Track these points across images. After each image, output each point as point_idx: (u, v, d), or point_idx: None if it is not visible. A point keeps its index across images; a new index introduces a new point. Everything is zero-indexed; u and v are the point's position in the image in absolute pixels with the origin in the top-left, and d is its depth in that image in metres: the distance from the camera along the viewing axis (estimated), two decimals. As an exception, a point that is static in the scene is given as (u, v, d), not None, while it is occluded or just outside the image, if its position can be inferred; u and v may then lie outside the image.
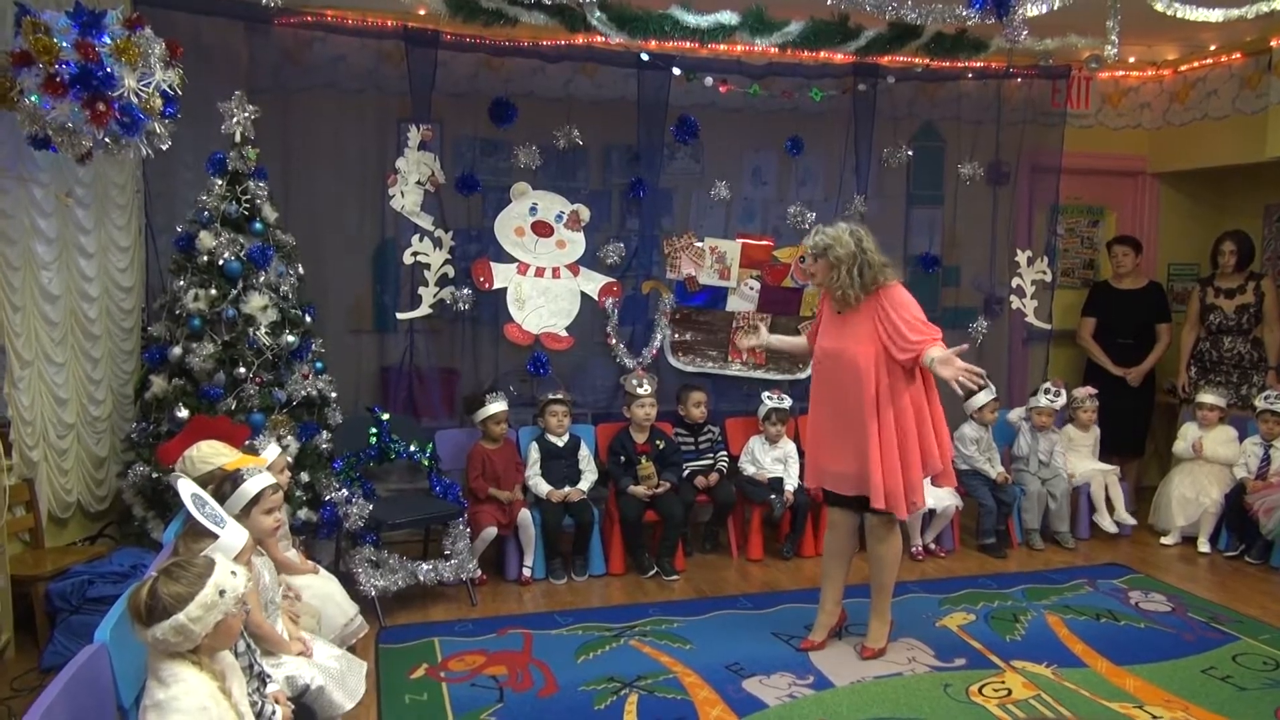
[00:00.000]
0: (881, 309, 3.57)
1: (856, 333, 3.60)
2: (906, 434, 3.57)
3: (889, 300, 3.58)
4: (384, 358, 5.18)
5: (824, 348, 3.73)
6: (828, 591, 3.94)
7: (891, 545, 3.80)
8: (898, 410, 3.56)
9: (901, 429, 3.57)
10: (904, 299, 3.59)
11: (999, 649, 3.90)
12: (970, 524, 5.35)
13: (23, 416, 3.92)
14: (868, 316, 3.60)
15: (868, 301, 3.60)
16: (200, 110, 4.19)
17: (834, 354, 3.66)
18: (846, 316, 3.66)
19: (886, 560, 3.81)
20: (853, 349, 3.59)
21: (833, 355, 3.67)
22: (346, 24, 4.79)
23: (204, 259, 4.07)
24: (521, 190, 5.14)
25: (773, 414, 5.14)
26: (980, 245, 5.96)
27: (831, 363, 3.67)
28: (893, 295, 3.59)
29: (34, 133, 3.52)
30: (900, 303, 3.57)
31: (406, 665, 3.71)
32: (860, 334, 3.59)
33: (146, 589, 1.93)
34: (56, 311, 4.08)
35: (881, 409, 3.55)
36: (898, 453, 3.55)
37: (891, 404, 3.56)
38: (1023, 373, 6.09)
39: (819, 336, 3.80)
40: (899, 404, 3.57)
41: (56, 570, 3.75)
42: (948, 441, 3.74)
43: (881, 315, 3.57)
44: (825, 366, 3.72)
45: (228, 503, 2.67)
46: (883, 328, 3.55)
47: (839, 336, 3.66)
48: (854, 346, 3.58)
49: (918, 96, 5.75)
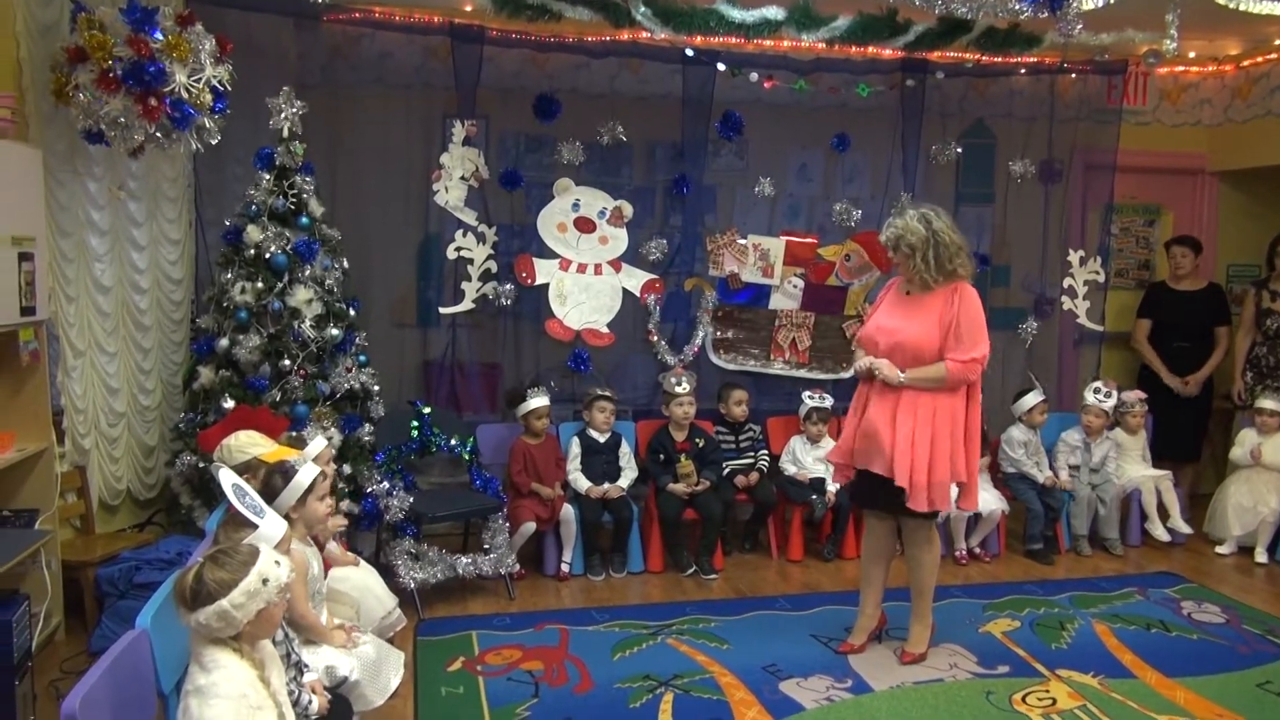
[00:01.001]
0: (952, 305, 3.50)
1: (924, 318, 3.52)
2: (941, 433, 3.49)
3: (963, 298, 3.51)
4: (426, 352, 5.22)
5: (881, 325, 3.63)
6: (867, 595, 3.88)
7: (929, 548, 3.74)
8: (937, 408, 3.49)
9: (938, 427, 3.49)
10: (974, 304, 3.54)
11: (1044, 657, 3.81)
12: (1017, 528, 5.24)
13: (75, 405, 4.01)
14: (938, 305, 3.52)
15: (943, 290, 3.53)
16: (249, 106, 4.26)
17: (890, 332, 3.56)
18: (915, 299, 3.58)
19: (925, 563, 3.75)
20: (917, 332, 3.50)
21: (888, 332, 3.57)
22: (394, 20, 4.83)
23: (251, 252, 4.12)
24: (564, 186, 5.14)
25: (814, 413, 5.09)
26: (1031, 244, 5.84)
27: (887, 340, 3.56)
28: (967, 295, 3.53)
29: (88, 127, 3.61)
30: (971, 304, 3.52)
31: (444, 658, 3.73)
32: (928, 320, 3.51)
33: (193, 574, 1.96)
34: (109, 302, 4.16)
35: (922, 401, 3.48)
36: (929, 449, 3.47)
37: (933, 400, 3.49)
38: (1073, 375, 5.96)
39: (876, 316, 3.73)
40: (938, 402, 3.50)
41: (106, 556, 3.83)
42: (976, 457, 3.64)
43: (948, 309, 3.50)
44: (871, 341, 3.62)
45: (283, 495, 2.68)
46: (946, 323, 3.49)
47: (903, 316, 3.58)
48: (918, 330, 3.50)
49: (968, 92, 5.65)
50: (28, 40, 3.70)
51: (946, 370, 3.46)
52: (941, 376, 3.47)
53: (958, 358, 3.46)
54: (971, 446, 3.59)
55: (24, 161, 3.50)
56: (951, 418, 3.52)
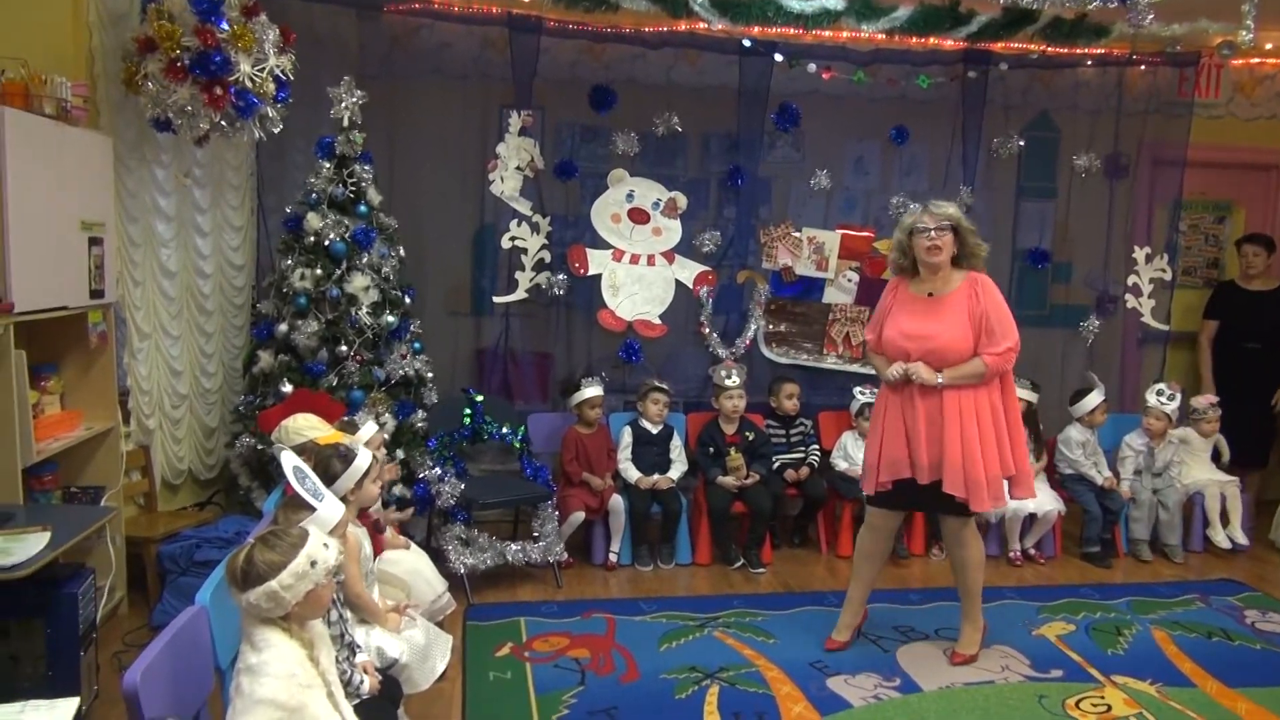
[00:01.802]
0: (976, 297, 3.44)
1: (952, 317, 3.45)
2: (986, 430, 3.43)
3: (984, 290, 3.46)
4: (480, 340, 5.27)
5: (906, 332, 3.50)
6: (856, 591, 3.82)
7: (973, 548, 3.66)
8: (978, 403, 3.43)
9: (983, 424, 3.43)
10: (997, 293, 3.48)
11: (1099, 662, 3.73)
12: (1073, 530, 5.13)
13: (140, 386, 4.13)
14: (963, 301, 3.46)
15: (962, 285, 3.47)
16: (310, 95, 4.32)
17: (922, 338, 3.46)
18: (936, 300, 3.50)
19: (970, 563, 3.67)
20: (948, 335, 3.43)
21: (919, 338, 3.46)
22: (453, 11, 4.87)
23: (311, 239, 4.19)
24: (619, 177, 5.15)
25: (866, 409, 5.02)
26: (1094, 241, 5.70)
27: (919, 346, 3.45)
28: (988, 284, 3.48)
29: (156, 115, 3.70)
30: (995, 295, 3.47)
31: (492, 643, 3.77)
32: (957, 319, 3.44)
33: (244, 555, 2.00)
34: (174, 287, 4.27)
35: (964, 399, 3.41)
36: (979, 446, 3.41)
37: (974, 396, 3.42)
38: (1135, 375, 5.81)
39: (895, 322, 3.56)
40: (979, 397, 3.43)
41: (168, 533, 3.94)
42: (1022, 446, 3.57)
43: (974, 304, 3.44)
44: (903, 350, 3.49)
45: (342, 479, 2.72)
46: (976, 319, 3.42)
47: (926, 320, 3.48)
48: (950, 332, 3.43)
49: (1032, 84, 5.52)
50: (99, 30, 3.80)
51: (985, 365, 3.40)
52: (980, 372, 3.41)
53: (994, 351, 3.40)
54: (1016, 435, 3.52)
55: (96, 148, 3.61)
56: (993, 410, 3.46)
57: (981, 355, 3.41)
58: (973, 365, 3.41)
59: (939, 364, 3.42)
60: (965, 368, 3.42)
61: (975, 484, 3.39)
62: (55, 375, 3.56)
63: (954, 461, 3.40)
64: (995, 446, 3.44)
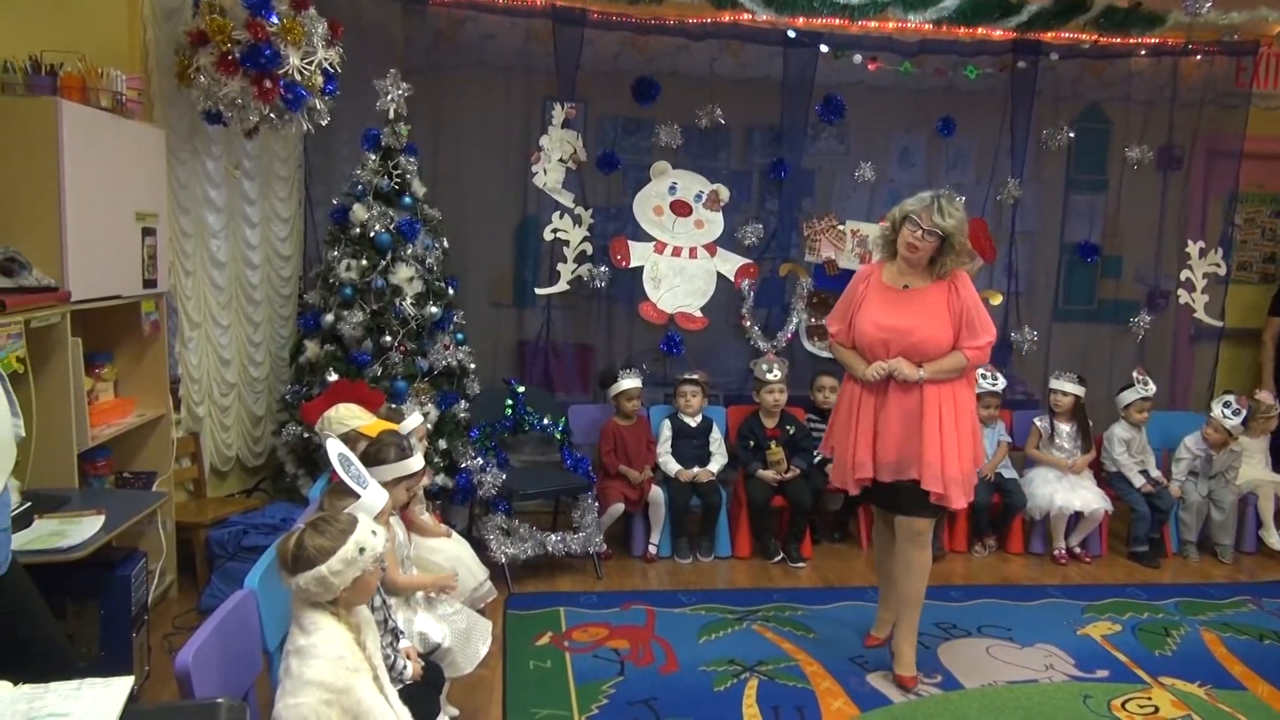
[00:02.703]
0: (955, 291, 3.32)
1: (931, 312, 3.30)
2: (963, 425, 3.32)
3: (963, 284, 3.34)
4: (522, 332, 5.30)
5: (882, 324, 3.32)
6: (889, 590, 3.69)
7: (928, 552, 3.48)
8: (955, 398, 3.32)
9: (960, 419, 3.32)
10: (972, 288, 3.38)
11: (1146, 663, 3.67)
12: (1121, 530, 5.05)
13: (191, 374, 4.21)
14: (942, 296, 3.32)
15: (942, 280, 3.33)
16: (357, 87, 4.37)
17: (900, 331, 3.29)
18: (913, 293, 3.34)
19: (923, 568, 3.46)
20: (931, 329, 3.29)
21: (899, 332, 3.29)
22: (497, 4, 4.90)
23: (357, 231, 4.24)
24: (661, 169, 5.14)
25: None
26: (1146, 234, 5.59)
27: (900, 341, 3.29)
28: (966, 281, 3.36)
29: (208, 108, 3.76)
30: (972, 290, 3.36)
31: (532, 632, 3.79)
32: (936, 313, 3.30)
33: (294, 540, 2.03)
34: (223, 277, 4.35)
35: (943, 394, 3.30)
36: (956, 442, 3.29)
37: (952, 390, 3.31)
38: (1188, 372, 5.70)
39: (869, 314, 3.37)
40: (955, 391, 3.32)
41: (216, 519, 4.02)
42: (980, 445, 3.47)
43: (953, 298, 3.32)
44: (881, 344, 3.31)
45: (392, 467, 2.75)
46: (956, 314, 3.30)
47: (904, 314, 3.32)
48: (932, 326, 3.29)
49: (1083, 75, 5.42)
50: (153, 24, 3.88)
51: (967, 359, 3.30)
52: (961, 366, 3.31)
53: (974, 344, 3.30)
54: (976, 433, 3.42)
55: (149, 141, 3.68)
56: (968, 406, 3.36)
57: (962, 349, 3.30)
58: (954, 359, 3.29)
59: (918, 358, 3.28)
60: (945, 362, 3.29)
61: (952, 481, 3.27)
62: (109, 363, 3.64)
63: (933, 458, 3.25)
64: (971, 442, 3.34)
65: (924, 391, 3.27)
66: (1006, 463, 5.01)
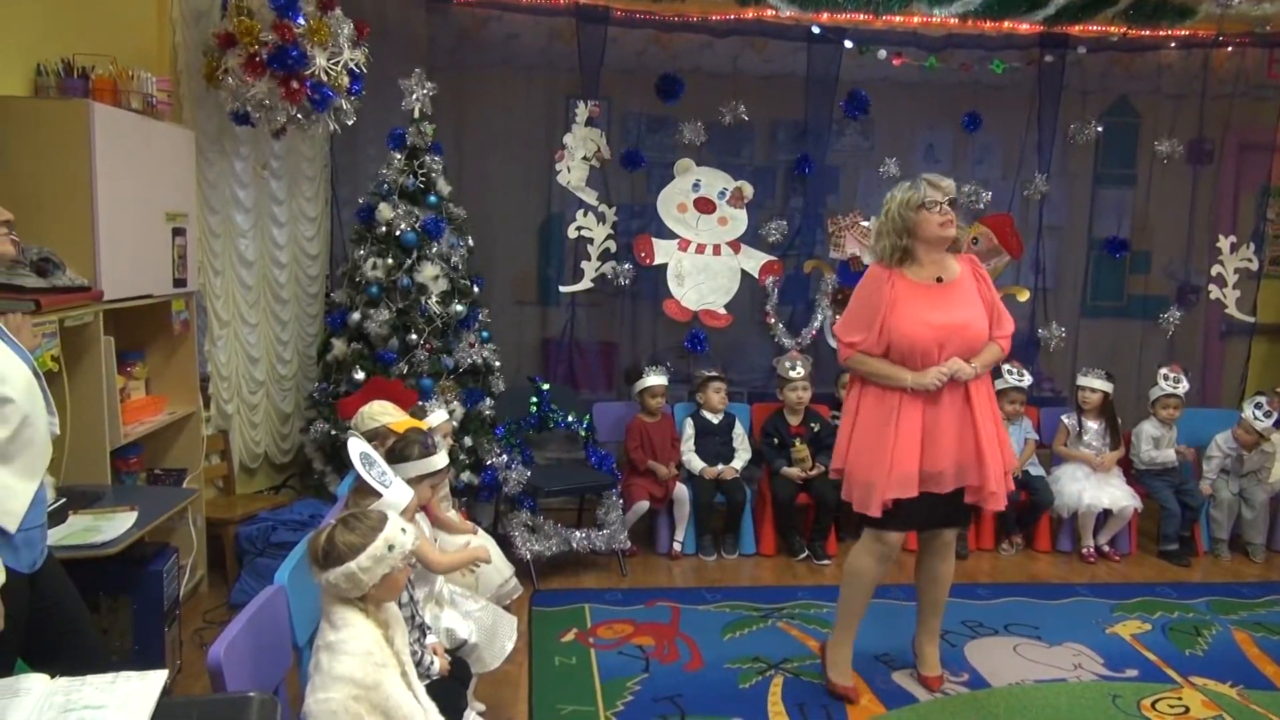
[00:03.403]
0: (981, 279, 3.17)
1: (970, 303, 3.11)
2: (1000, 421, 3.20)
3: (982, 271, 3.21)
4: (546, 329, 5.31)
5: (934, 323, 3.03)
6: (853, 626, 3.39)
7: (953, 559, 3.36)
8: (991, 395, 3.17)
9: (996, 416, 3.19)
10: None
11: (1177, 663, 3.63)
12: (1151, 528, 4.99)
13: (220, 372, 4.26)
14: (971, 285, 3.14)
15: (966, 267, 3.16)
16: (383, 87, 4.40)
17: (954, 328, 3.04)
18: (949, 286, 3.10)
19: (949, 577, 3.36)
20: (977, 320, 3.09)
21: (953, 329, 3.04)
22: (521, 3, 4.91)
23: (382, 229, 4.27)
24: (685, 166, 5.14)
25: (936, 401, 4.94)
26: (1176, 229, 5.53)
27: (957, 340, 3.04)
28: (983, 268, 3.24)
29: (236, 109, 3.80)
30: (989, 279, 3.24)
31: (558, 629, 3.81)
32: (975, 305, 3.11)
33: (325, 535, 2.05)
34: (251, 276, 4.40)
35: (982, 390, 3.11)
36: (999, 438, 3.11)
37: (987, 388, 3.14)
38: (1219, 368, 5.62)
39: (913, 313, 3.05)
40: (990, 389, 3.17)
41: (245, 515, 4.06)
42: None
43: (983, 286, 3.17)
44: (936, 345, 3.03)
45: (416, 464, 2.77)
46: (988, 304, 3.16)
47: (949, 308, 3.08)
48: (978, 318, 3.10)
49: (1111, 68, 5.36)
50: (182, 27, 3.93)
51: (1002, 351, 3.17)
52: (999, 358, 3.18)
53: (1004, 334, 3.17)
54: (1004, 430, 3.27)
55: (179, 142, 3.73)
56: (995, 400, 3.21)
57: (996, 340, 3.14)
58: (993, 352, 3.13)
59: (970, 354, 3.06)
60: (987, 355, 3.11)
61: (1001, 482, 3.12)
62: (140, 361, 3.69)
63: (994, 459, 3.04)
64: (1005, 438, 3.21)
65: (970, 390, 3.06)
66: (1034, 460, 4.97)
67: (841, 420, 3.28)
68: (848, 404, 3.26)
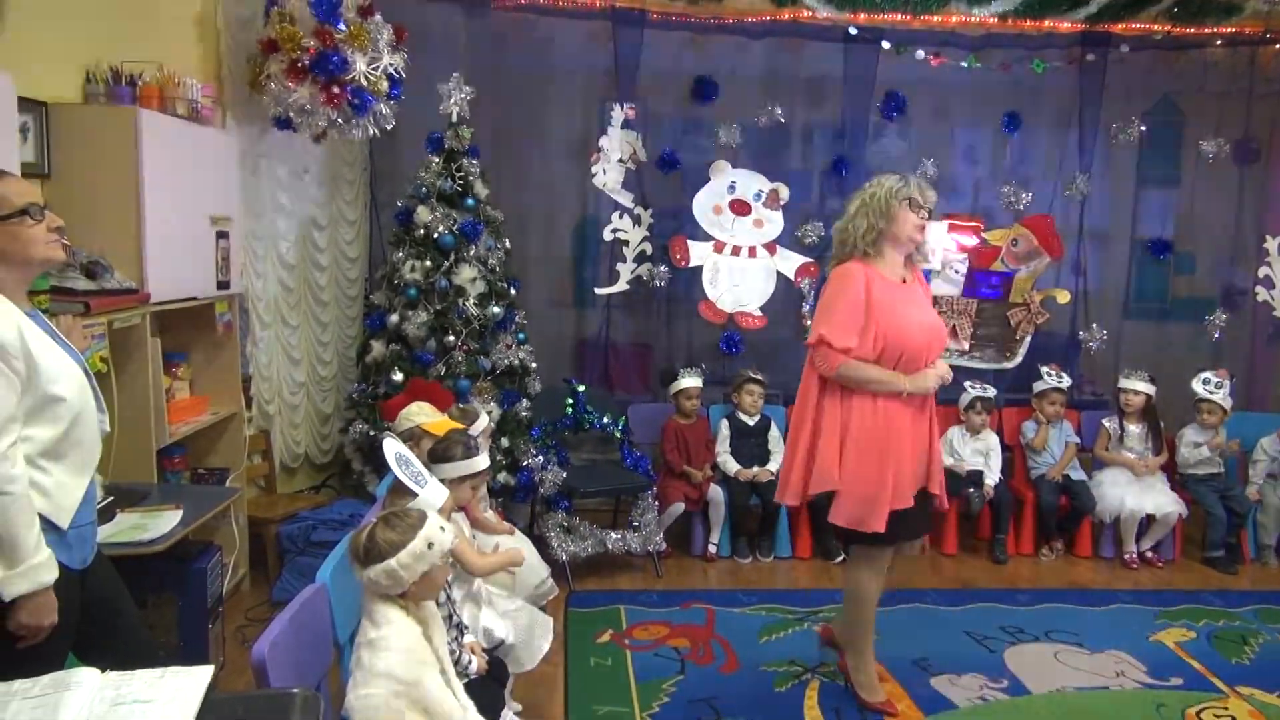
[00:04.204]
0: (922, 281, 3.19)
1: (929, 302, 3.15)
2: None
3: (919, 274, 3.19)
4: (582, 331, 5.33)
5: (924, 324, 3.02)
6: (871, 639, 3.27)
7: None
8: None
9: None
10: None
11: (1223, 672, 3.56)
12: (1195, 534, 4.90)
13: (262, 374, 4.32)
14: (920, 285, 3.15)
15: (914, 270, 3.14)
16: (421, 91, 4.44)
17: (936, 329, 3.08)
18: (911, 286, 3.08)
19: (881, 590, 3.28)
20: (939, 320, 3.16)
21: (937, 330, 3.08)
22: (557, 6, 4.94)
23: (421, 232, 4.31)
24: (720, 168, 5.14)
25: (977, 402, 4.90)
26: (1221, 230, 5.42)
27: (935, 338, 3.05)
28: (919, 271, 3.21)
29: (278, 114, 3.86)
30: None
31: (593, 629, 3.82)
32: (930, 303, 3.16)
33: (366, 533, 2.08)
34: (292, 279, 4.46)
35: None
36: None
37: None
38: (1267, 372, 5.51)
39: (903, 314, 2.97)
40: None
41: (286, 514, 4.12)
42: None
43: (927, 289, 3.21)
44: (926, 347, 3.01)
45: (453, 465, 2.80)
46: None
47: (924, 308, 3.08)
48: (937, 317, 3.17)
49: (1155, 66, 5.27)
50: (227, 34, 3.99)
51: None
52: None
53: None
54: None
55: (223, 147, 3.79)
56: None
57: None
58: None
59: (938, 350, 3.07)
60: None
61: (944, 486, 3.15)
62: (185, 362, 3.76)
63: (941, 465, 3.09)
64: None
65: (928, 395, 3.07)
66: (1075, 464, 4.91)
67: (823, 438, 3.00)
68: (826, 419, 3.01)
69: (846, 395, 2.99)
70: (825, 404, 3.02)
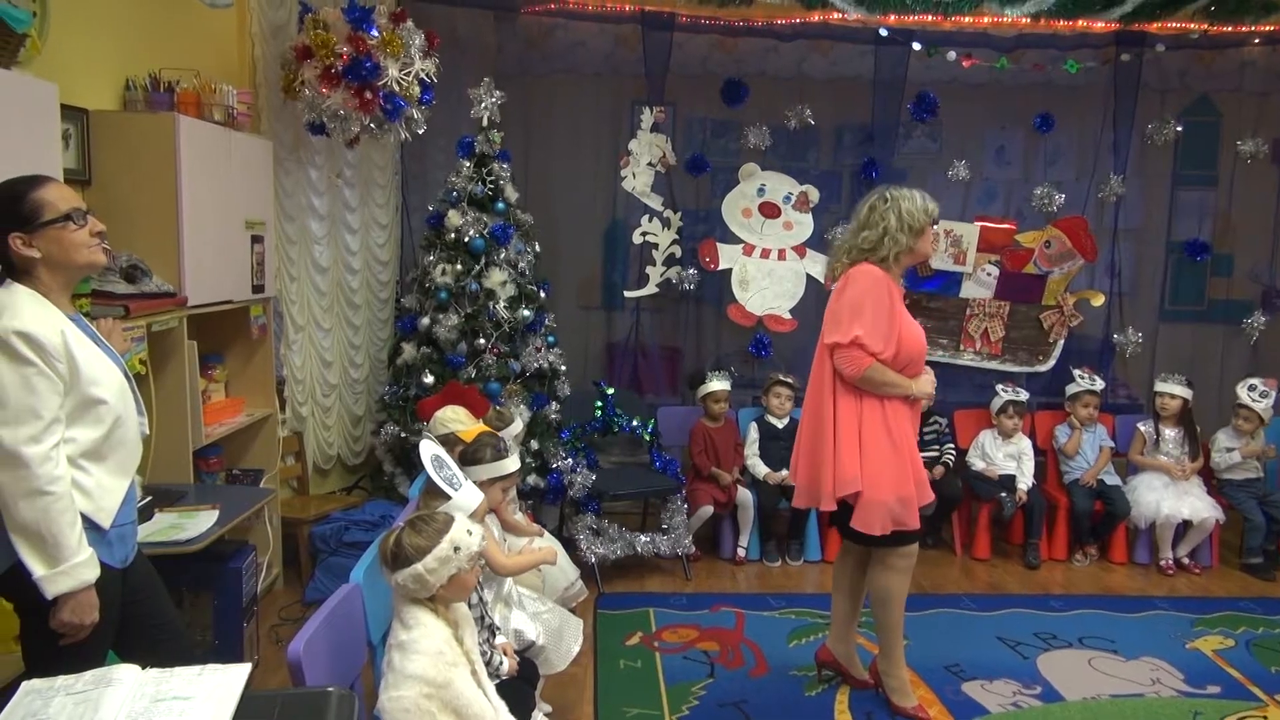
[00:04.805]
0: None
1: None
2: None
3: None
4: (611, 334, 5.34)
5: (920, 331, 3.16)
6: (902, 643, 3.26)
7: None
8: None
9: None
10: None
11: (1262, 681, 3.50)
12: (1233, 540, 4.83)
13: (295, 376, 4.37)
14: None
15: None
16: (452, 96, 4.47)
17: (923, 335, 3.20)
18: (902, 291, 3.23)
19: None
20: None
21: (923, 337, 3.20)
22: (587, 10, 4.95)
23: (451, 236, 4.35)
24: (749, 171, 5.13)
25: (1010, 406, 4.86)
26: (1260, 231, 5.34)
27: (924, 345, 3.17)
28: None
29: (311, 119, 3.90)
30: None
31: (623, 632, 3.83)
32: None
33: (393, 538, 2.10)
34: (325, 282, 4.51)
35: None
36: None
37: None
38: (1307, 376, 5.41)
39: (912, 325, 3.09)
40: None
41: (319, 515, 4.16)
42: None
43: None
44: (923, 352, 3.14)
45: (483, 467, 2.82)
46: None
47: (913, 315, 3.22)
48: None
49: (1191, 66, 5.20)
50: (261, 41, 4.05)
51: None
52: None
53: None
54: None
55: (257, 152, 3.84)
56: None
57: None
58: None
59: None
60: None
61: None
62: (220, 365, 3.81)
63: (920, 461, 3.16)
64: None
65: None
66: (1109, 469, 4.85)
67: (839, 440, 3.02)
68: (839, 423, 3.02)
69: (859, 397, 3.02)
70: (841, 405, 3.04)
